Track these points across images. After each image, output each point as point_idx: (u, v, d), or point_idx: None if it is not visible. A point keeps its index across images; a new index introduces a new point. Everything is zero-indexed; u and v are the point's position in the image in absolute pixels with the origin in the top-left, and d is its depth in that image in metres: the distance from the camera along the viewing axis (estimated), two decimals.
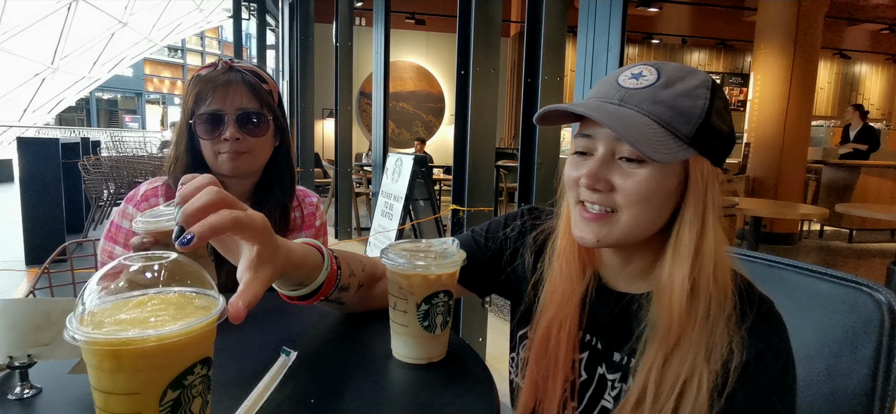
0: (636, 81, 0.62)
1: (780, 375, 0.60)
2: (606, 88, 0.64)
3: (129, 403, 0.43)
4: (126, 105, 33.24)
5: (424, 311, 0.66)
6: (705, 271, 0.60)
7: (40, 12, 12.83)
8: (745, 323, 0.60)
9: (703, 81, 0.62)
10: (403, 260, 0.66)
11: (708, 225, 0.61)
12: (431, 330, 0.67)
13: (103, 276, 0.47)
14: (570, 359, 0.70)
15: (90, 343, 0.42)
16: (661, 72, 0.62)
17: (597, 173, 0.62)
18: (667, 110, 0.60)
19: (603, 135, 0.62)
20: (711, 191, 0.62)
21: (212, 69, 1.08)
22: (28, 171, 4.32)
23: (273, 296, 1.09)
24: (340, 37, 5.43)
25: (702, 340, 0.60)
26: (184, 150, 1.08)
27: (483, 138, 3.02)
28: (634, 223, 0.62)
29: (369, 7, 7.05)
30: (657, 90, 0.61)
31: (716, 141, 0.61)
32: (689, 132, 0.60)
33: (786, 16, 5.53)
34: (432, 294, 0.66)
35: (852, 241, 6.21)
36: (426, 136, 10.02)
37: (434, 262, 0.67)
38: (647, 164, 0.60)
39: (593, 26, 1.96)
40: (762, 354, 0.59)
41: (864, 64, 11.16)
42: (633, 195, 0.61)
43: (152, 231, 0.74)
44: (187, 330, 0.43)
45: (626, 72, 0.64)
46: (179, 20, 16.26)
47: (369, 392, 0.64)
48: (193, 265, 0.50)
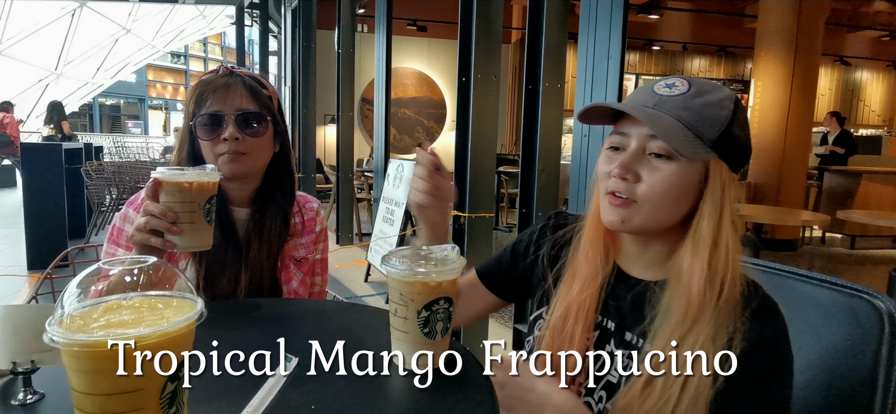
0: (670, 90, 0.70)
1: (778, 363, 0.65)
2: (643, 95, 0.72)
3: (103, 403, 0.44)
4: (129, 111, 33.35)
5: (425, 318, 0.67)
6: (721, 262, 0.67)
7: (44, 18, 12.91)
8: (748, 309, 0.66)
9: (728, 96, 0.71)
10: (404, 267, 0.67)
11: (724, 222, 0.68)
12: (432, 336, 0.68)
13: (82, 279, 0.48)
14: (584, 338, 0.76)
15: (68, 345, 0.42)
16: (692, 84, 0.71)
17: (628, 164, 0.69)
18: (695, 116, 0.68)
19: (637, 133, 0.70)
20: (728, 192, 0.69)
21: (212, 75, 1.10)
22: (31, 177, 4.33)
23: (274, 303, 1.09)
24: (342, 43, 5.46)
25: (711, 323, 0.65)
26: (186, 154, 1.09)
27: (484, 144, 3.03)
28: (654, 212, 0.69)
29: (371, 14, 7.09)
30: (688, 99, 0.69)
31: (735, 149, 0.70)
32: (713, 137, 0.68)
33: (786, 23, 5.54)
34: (433, 301, 0.67)
35: (854, 247, 6.19)
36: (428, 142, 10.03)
37: (434, 269, 0.68)
38: (674, 162, 0.68)
39: (594, 33, 1.97)
40: (763, 339, 0.64)
41: (865, 70, 11.15)
42: (656, 188, 0.68)
43: (167, 179, 0.84)
44: (164, 332, 0.44)
45: (662, 82, 0.73)
46: (182, 27, 16.33)
47: (370, 398, 0.64)
48: (172, 269, 0.51)
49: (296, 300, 1.15)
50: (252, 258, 1.09)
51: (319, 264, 1.24)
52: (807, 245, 6.27)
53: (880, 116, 11.36)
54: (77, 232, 5.25)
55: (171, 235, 0.85)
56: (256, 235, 1.10)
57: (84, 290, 0.48)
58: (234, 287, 1.07)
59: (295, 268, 1.16)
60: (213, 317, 0.54)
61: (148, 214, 0.85)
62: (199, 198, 0.86)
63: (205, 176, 0.87)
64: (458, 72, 3.06)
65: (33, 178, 4.33)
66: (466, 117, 3.02)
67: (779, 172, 5.65)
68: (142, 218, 0.86)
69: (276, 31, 10.17)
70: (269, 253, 1.11)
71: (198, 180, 0.86)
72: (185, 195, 0.85)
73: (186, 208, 0.86)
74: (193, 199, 0.86)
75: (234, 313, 0.94)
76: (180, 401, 0.48)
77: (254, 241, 1.09)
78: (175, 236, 0.85)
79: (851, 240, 6.26)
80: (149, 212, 0.85)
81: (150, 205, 0.86)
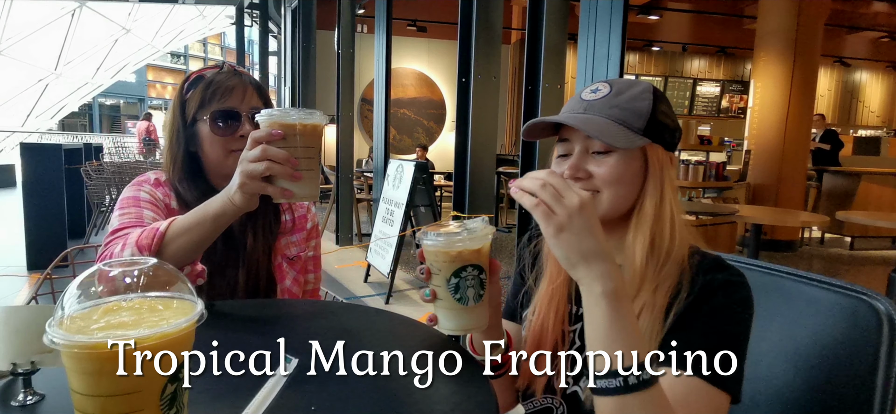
0: (595, 95, 0.79)
1: (730, 305, 0.70)
2: (573, 104, 0.81)
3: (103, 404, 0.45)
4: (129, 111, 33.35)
5: (455, 284, 0.72)
6: (662, 233, 0.75)
7: (44, 18, 12.91)
8: (693, 270, 0.73)
9: (646, 87, 0.79)
10: (431, 239, 0.72)
11: (666, 198, 0.76)
12: (464, 302, 0.73)
13: (82, 280, 0.48)
14: (559, 326, 0.81)
15: (68, 346, 0.42)
16: (613, 85, 0.79)
17: (577, 165, 0.77)
18: (621, 112, 0.76)
19: (577, 137, 0.79)
20: (667, 171, 0.77)
21: (216, 71, 1.08)
22: (31, 177, 4.33)
23: (274, 303, 1.09)
24: (342, 44, 5.46)
25: (651, 286, 0.73)
26: (181, 152, 1.07)
27: (484, 145, 3.03)
28: (614, 199, 0.77)
29: (371, 14, 7.09)
30: (611, 99, 0.78)
31: (664, 131, 0.78)
32: (642, 126, 0.76)
33: (786, 23, 5.55)
34: (460, 268, 0.72)
35: (853, 248, 6.20)
36: (427, 142, 10.04)
37: (454, 238, 0.71)
38: (613, 153, 0.76)
39: (594, 34, 1.97)
40: (711, 286, 0.71)
41: (865, 71, 11.16)
42: (607, 177, 0.76)
43: (278, 123, 0.79)
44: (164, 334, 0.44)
45: (587, 89, 0.81)
46: (182, 27, 16.34)
47: (370, 400, 0.64)
48: (172, 270, 0.51)
49: (296, 301, 1.15)
50: (249, 253, 1.09)
51: (312, 262, 1.23)
52: (806, 246, 6.27)
53: (879, 117, 11.37)
54: (77, 232, 5.25)
55: (290, 183, 0.81)
56: (251, 229, 1.09)
57: (84, 291, 0.48)
58: (234, 285, 1.07)
59: (288, 266, 1.15)
60: (213, 317, 0.54)
61: (267, 158, 0.79)
62: (315, 142, 0.83)
63: (318, 118, 0.83)
64: (458, 72, 3.06)
65: (33, 179, 4.33)
66: (466, 118, 3.03)
67: (778, 173, 5.66)
68: (257, 165, 0.79)
69: (275, 32, 10.18)
70: (265, 246, 1.11)
71: (318, 123, 0.82)
72: (307, 140, 0.81)
73: (308, 154, 0.81)
74: (311, 145, 0.82)
75: (235, 314, 0.94)
76: (180, 402, 0.48)
77: (249, 234, 1.09)
78: (295, 184, 0.81)
79: (851, 241, 6.27)
80: (269, 156, 0.79)
81: (271, 149, 0.79)
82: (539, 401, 0.82)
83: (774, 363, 0.81)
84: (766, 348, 0.82)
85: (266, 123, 0.81)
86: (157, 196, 1.05)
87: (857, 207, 5.97)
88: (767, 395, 0.81)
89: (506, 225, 6.83)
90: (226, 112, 1.04)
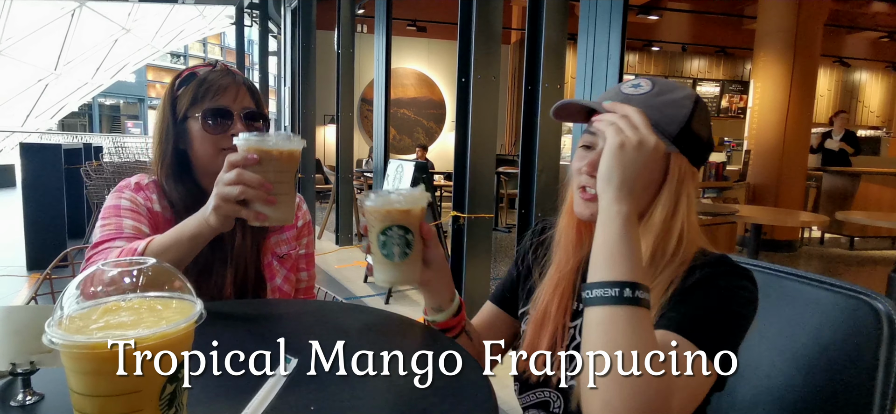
0: (635, 90, 0.76)
1: (726, 290, 0.69)
2: (611, 94, 0.78)
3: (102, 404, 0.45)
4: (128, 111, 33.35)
5: (382, 241, 0.78)
6: (665, 246, 0.72)
7: (44, 19, 12.91)
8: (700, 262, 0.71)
9: (689, 95, 0.76)
10: (371, 200, 0.79)
11: (679, 211, 0.73)
12: (390, 258, 0.79)
13: (82, 280, 0.48)
14: (560, 315, 0.81)
15: (68, 346, 0.42)
16: (655, 83, 0.77)
17: (597, 162, 0.73)
18: (656, 113, 0.73)
19: None
20: (686, 185, 0.74)
21: (209, 69, 1.07)
22: (30, 177, 4.33)
23: (274, 304, 1.09)
24: (342, 44, 5.46)
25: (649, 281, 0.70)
26: (170, 151, 1.06)
27: (484, 145, 3.03)
28: None
29: (371, 14, 7.09)
30: (649, 97, 0.75)
31: (695, 144, 0.75)
32: (674, 132, 0.73)
33: (786, 23, 5.55)
34: (387, 227, 0.78)
35: (853, 248, 6.20)
36: (427, 142, 10.04)
37: (389, 200, 0.78)
38: None
39: (593, 34, 1.97)
40: (709, 274, 0.69)
41: (864, 71, 11.16)
42: None
43: (255, 147, 0.81)
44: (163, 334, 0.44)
45: (628, 83, 0.79)
46: (182, 27, 16.33)
47: (369, 399, 0.64)
48: (172, 270, 0.51)
49: (296, 301, 1.15)
50: (237, 251, 1.07)
51: (304, 260, 1.21)
52: (806, 246, 6.27)
53: (879, 117, 11.37)
54: (76, 232, 5.24)
55: (265, 207, 0.82)
56: (239, 227, 1.06)
57: (83, 291, 0.48)
58: (221, 283, 1.05)
59: (278, 265, 1.14)
60: (212, 317, 0.54)
61: (242, 182, 0.81)
62: (291, 167, 0.84)
63: (295, 144, 0.84)
64: (458, 72, 3.06)
65: (33, 179, 4.32)
66: (466, 118, 3.03)
67: (778, 173, 5.66)
68: (232, 188, 0.81)
69: (275, 32, 10.17)
70: (253, 244, 1.10)
71: (295, 149, 0.84)
72: (283, 165, 0.83)
73: (282, 178, 0.83)
74: (287, 170, 0.83)
75: (234, 314, 0.94)
76: (180, 402, 0.48)
77: (237, 232, 1.07)
78: (269, 208, 0.82)
79: (850, 241, 6.27)
80: (244, 181, 0.81)
81: (246, 174, 0.81)
82: (536, 394, 0.82)
83: (774, 363, 0.81)
84: (766, 348, 0.82)
85: (243, 148, 0.82)
86: (138, 202, 1.04)
87: (856, 206, 5.97)
88: (767, 395, 0.81)
89: (505, 225, 6.83)
90: (218, 110, 1.04)
